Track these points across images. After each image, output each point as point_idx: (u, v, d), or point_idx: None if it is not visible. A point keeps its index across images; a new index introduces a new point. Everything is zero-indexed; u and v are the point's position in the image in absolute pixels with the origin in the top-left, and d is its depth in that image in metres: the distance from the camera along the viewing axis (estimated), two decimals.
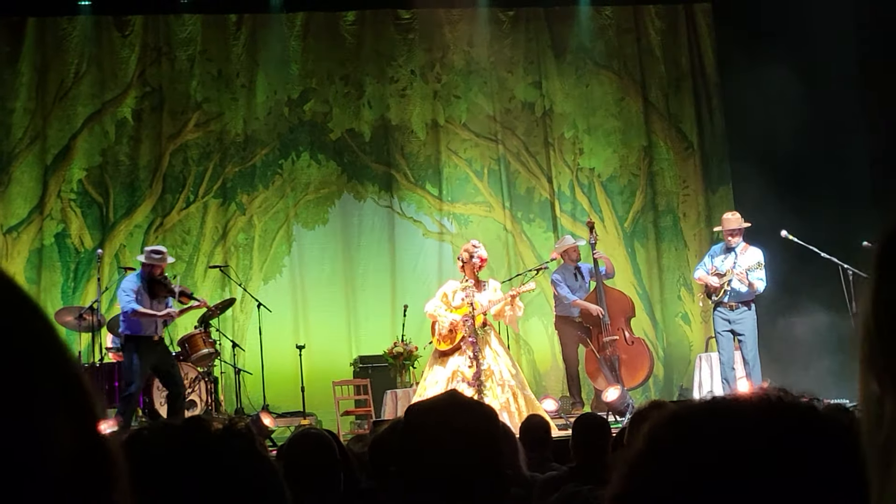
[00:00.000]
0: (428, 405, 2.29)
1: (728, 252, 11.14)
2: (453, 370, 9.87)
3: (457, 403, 2.22)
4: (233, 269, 13.24)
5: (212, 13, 13.99)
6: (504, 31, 14.55)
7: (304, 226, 13.97)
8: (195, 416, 1.51)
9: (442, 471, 2.11)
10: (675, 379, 13.94)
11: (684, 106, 14.79)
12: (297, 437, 4.17)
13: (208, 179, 13.83)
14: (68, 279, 13.38)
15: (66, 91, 13.63)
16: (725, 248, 11.20)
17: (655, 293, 14.36)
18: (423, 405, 2.30)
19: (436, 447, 2.11)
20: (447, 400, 2.26)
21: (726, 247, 11.18)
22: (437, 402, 2.27)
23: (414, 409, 2.29)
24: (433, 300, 10.29)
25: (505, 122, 14.47)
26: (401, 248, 14.03)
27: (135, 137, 13.74)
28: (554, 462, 5.36)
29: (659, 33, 14.80)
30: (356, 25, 14.27)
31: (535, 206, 14.41)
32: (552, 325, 12.73)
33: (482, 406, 2.32)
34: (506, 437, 4.15)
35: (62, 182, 13.53)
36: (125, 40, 13.81)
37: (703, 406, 1.03)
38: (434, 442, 2.11)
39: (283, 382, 12.32)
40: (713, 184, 14.68)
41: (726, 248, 11.18)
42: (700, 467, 0.94)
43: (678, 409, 1.03)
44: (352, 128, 14.13)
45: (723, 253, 11.20)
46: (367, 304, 13.80)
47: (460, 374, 9.84)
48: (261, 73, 14.02)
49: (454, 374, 9.86)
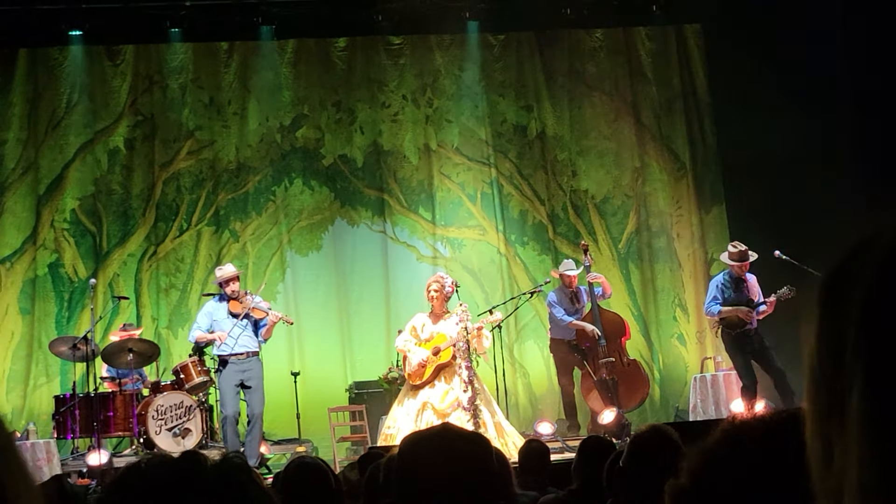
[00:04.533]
0: (421, 437, 2.27)
1: (738, 282, 11.13)
2: (423, 402, 9.82)
3: (450, 434, 2.21)
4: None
5: (203, 41, 14.02)
6: (495, 54, 14.59)
7: (297, 252, 13.96)
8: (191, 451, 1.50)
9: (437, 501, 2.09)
10: (672, 400, 13.90)
11: (676, 127, 14.82)
12: (293, 467, 4.15)
13: (201, 207, 13.82)
14: (62, 309, 13.35)
15: (59, 121, 13.64)
16: (733, 278, 11.16)
17: (651, 314, 14.35)
18: (415, 437, 2.29)
19: (430, 478, 2.10)
20: (440, 431, 2.25)
21: (735, 277, 11.15)
22: (430, 434, 2.26)
23: (407, 441, 2.27)
24: (402, 334, 10.23)
25: (497, 145, 14.49)
26: (395, 272, 14.02)
27: (127, 166, 13.74)
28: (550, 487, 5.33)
29: (650, 55, 14.84)
30: (347, 51, 14.30)
31: (528, 229, 14.42)
32: (548, 348, 12.70)
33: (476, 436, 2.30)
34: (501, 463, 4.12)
35: (55, 212, 13.52)
36: (116, 69, 13.83)
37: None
38: (428, 473, 2.10)
39: (278, 409, 12.27)
40: (706, 204, 14.70)
41: (734, 278, 11.15)
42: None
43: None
44: (344, 153, 14.14)
45: (732, 283, 11.17)
46: (362, 330, 13.78)
47: (430, 405, 9.79)
48: (252, 100, 14.04)
49: (424, 405, 9.81)
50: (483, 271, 14.19)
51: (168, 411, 10.84)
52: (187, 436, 10.83)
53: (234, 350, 10.58)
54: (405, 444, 2.22)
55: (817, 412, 0.83)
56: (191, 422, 10.92)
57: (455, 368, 9.84)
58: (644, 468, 3.56)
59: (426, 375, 9.85)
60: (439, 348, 9.84)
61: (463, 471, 2.13)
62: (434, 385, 9.86)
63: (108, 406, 11.00)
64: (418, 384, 9.90)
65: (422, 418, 9.70)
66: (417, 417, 9.71)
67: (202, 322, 10.82)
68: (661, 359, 14.22)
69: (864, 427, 0.76)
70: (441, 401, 9.76)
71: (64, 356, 11.64)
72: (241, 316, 10.60)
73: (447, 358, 9.82)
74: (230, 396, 10.55)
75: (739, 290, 11.10)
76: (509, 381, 12.44)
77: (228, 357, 10.59)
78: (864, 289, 0.78)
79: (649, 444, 3.65)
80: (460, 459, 2.14)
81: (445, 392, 9.80)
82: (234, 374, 10.57)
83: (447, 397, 9.77)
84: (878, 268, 0.78)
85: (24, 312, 13.25)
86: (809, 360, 0.84)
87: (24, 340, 13.19)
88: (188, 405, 10.91)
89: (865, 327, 0.77)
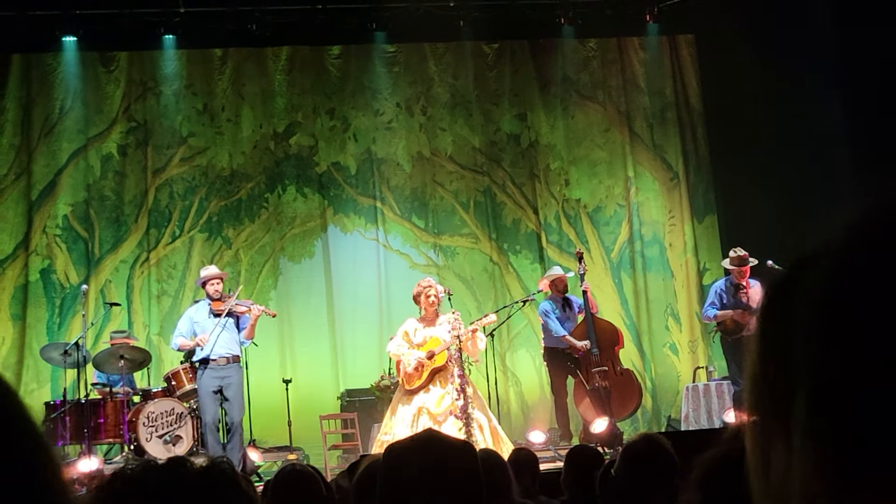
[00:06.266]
0: (406, 445, 2.25)
1: (737, 287, 11.17)
2: (419, 407, 9.75)
3: (435, 442, 2.19)
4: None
5: (197, 48, 14.01)
6: (489, 63, 14.61)
7: (290, 259, 13.95)
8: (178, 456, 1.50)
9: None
10: (664, 409, 13.91)
11: (669, 136, 14.85)
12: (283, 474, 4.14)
13: (194, 214, 13.81)
14: (53, 315, 13.32)
15: (52, 127, 13.62)
16: (733, 283, 11.21)
17: (643, 323, 14.36)
18: (401, 445, 2.27)
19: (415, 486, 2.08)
20: (426, 439, 2.23)
21: (734, 283, 11.20)
22: (416, 441, 2.24)
23: (393, 448, 2.25)
24: (395, 339, 10.16)
25: (490, 153, 14.50)
26: (387, 280, 14.00)
27: (120, 172, 13.72)
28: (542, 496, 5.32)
29: (643, 64, 14.87)
30: (341, 59, 14.31)
31: (521, 238, 14.42)
32: (540, 357, 12.68)
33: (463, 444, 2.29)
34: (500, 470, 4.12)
35: (47, 217, 13.50)
36: (110, 76, 13.81)
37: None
38: (413, 481, 2.08)
39: (269, 417, 12.24)
40: (699, 213, 14.72)
41: (734, 283, 11.20)
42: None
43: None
44: (338, 161, 14.14)
45: (732, 289, 11.22)
46: (354, 338, 13.76)
47: (426, 410, 9.74)
48: (246, 107, 14.03)
49: (419, 410, 9.74)
50: (475, 279, 14.19)
51: (159, 418, 10.81)
52: (178, 443, 10.80)
53: (212, 353, 10.31)
54: (390, 452, 2.20)
55: (758, 418, 0.84)
56: (182, 429, 10.89)
57: (449, 373, 9.81)
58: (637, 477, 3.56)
59: (422, 379, 9.81)
60: (434, 352, 9.81)
61: (449, 480, 2.12)
62: (429, 390, 9.81)
63: (99, 413, 10.97)
64: (413, 389, 9.85)
65: (418, 424, 9.65)
66: (413, 423, 9.65)
67: (183, 327, 10.61)
68: (653, 368, 14.22)
69: (807, 435, 0.77)
70: (437, 405, 9.71)
71: (55, 362, 11.59)
72: (223, 314, 10.45)
73: (442, 361, 9.78)
74: (209, 402, 10.31)
75: (738, 295, 11.15)
76: (501, 390, 12.42)
77: (206, 361, 10.34)
78: (809, 300, 0.79)
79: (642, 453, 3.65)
80: (447, 469, 2.13)
81: (441, 397, 9.75)
82: (211, 380, 10.32)
83: (443, 402, 9.72)
84: (825, 277, 0.79)
85: (16, 318, 13.21)
86: (752, 367, 0.85)
87: (15, 346, 13.15)
88: (179, 412, 10.88)
89: (810, 336, 0.78)
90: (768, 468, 0.83)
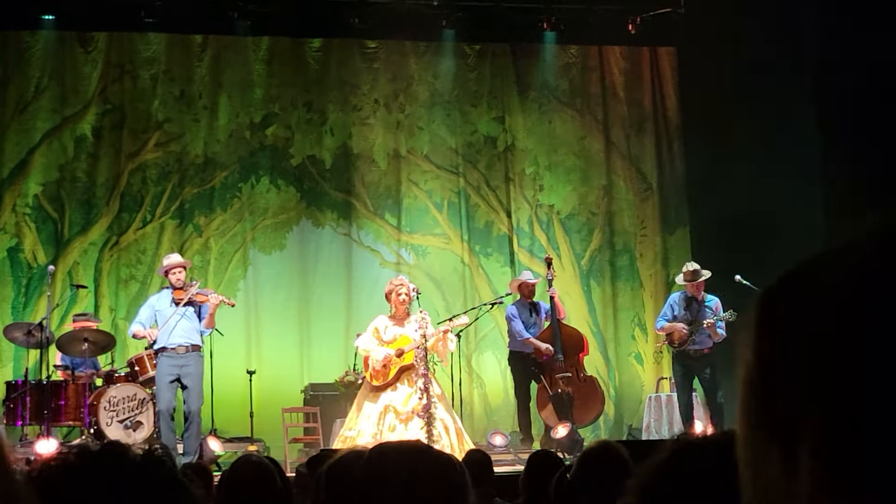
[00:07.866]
0: (395, 449, 2.22)
1: (690, 301, 11.28)
2: (385, 404, 9.77)
3: (428, 453, 2.16)
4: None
5: (177, 33, 13.94)
6: (469, 64, 14.61)
7: (260, 250, 13.90)
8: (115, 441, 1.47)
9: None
10: (626, 418, 13.94)
11: (645, 147, 14.88)
12: (238, 465, 4.11)
13: (166, 200, 13.73)
14: (19, 294, 13.22)
15: (26, 105, 13.51)
16: (687, 297, 11.33)
17: (609, 332, 14.40)
18: (389, 448, 2.23)
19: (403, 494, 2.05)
20: (419, 449, 2.20)
21: (688, 296, 11.32)
22: (408, 448, 2.21)
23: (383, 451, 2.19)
24: (364, 335, 10.17)
25: (467, 155, 14.49)
26: (357, 276, 13.98)
27: (93, 154, 13.63)
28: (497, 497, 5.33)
29: (623, 74, 14.91)
30: (321, 52, 14.27)
31: (493, 241, 14.43)
32: (506, 360, 12.68)
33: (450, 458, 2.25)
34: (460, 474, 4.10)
35: (17, 196, 13.39)
36: (88, 56, 13.72)
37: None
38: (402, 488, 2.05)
39: (232, 407, 12.19)
40: (671, 226, 14.76)
41: (688, 297, 11.32)
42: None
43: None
44: (313, 154, 14.09)
45: (684, 302, 11.33)
46: (321, 332, 13.72)
47: (392, 408, 9.75)
48: (224, 95, 13.97)
49: (386, 408, 9.76)
50: (445, 280, 14.18)
51: (120, 403, 10.75)
52: (139, 428, 10.75)
53: (170, 342, 10.25)
54: (379, 453, 2.15)
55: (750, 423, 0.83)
56: (143, 415, 10.83)
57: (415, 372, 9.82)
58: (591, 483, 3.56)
59: (390, 376, 9.82)
60: (403, 350, 9.81)
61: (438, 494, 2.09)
62: (396, 388, 9.82)
63: (60, 394, 10.91)
64: (380, 385, 9.85)
65: (384, 421, 9.67)
66: (380, 421, 9.66)
67: (143, 315, 10.52)
68: (617, 377, 14.26)
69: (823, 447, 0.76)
70: (404, 404, 9.73)
71: (18, 342, 11.53)
72: (183, 302, 10.41)
73: (411, 360, 9.79)
74: (164, 390, 10.25)
75: (691, 309, 11.27)
76: (465, 391, 12.42)
77: (164, 349, 10.29)
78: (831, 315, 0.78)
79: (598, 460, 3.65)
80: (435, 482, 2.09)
81: (409, 395, 9.76)
82: (169, 368, 10.25)
83: (410, 401, 9.73)
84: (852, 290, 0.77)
85: None
86: (747, 372, 0.84)
87: None
88: (141, 398, 10.83)
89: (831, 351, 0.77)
90: (761, 477, 0.82)
